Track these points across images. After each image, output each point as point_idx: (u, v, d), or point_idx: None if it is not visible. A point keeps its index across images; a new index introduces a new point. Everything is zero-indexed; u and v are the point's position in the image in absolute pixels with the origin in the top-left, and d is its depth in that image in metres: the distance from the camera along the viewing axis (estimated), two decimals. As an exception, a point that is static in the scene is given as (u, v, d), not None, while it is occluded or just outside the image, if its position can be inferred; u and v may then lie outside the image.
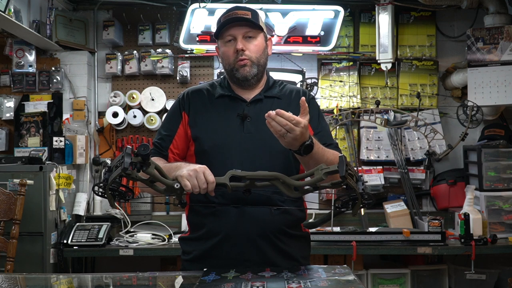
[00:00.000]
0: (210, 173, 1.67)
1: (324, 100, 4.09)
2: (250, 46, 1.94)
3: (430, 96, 4.10)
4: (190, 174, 1.65)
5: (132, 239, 3.56)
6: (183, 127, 1.99)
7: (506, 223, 3.58)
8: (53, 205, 3.38)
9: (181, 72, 4.03)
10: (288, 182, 1.67)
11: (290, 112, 1.70)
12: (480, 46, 3.67)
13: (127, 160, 1.55)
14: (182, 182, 1.64)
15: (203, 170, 1.67)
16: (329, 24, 3.97)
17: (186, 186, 1.64)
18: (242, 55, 1.92)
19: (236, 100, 1.99)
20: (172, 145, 1.98)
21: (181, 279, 1.77)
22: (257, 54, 1.95)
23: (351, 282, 1.61)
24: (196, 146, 1.96)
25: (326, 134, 2.05)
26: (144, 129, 4.08)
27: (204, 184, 1.65)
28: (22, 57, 3.84)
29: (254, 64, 1.95)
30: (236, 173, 1.69)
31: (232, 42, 1.94)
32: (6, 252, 2.91)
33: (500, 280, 3.63)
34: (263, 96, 2.00)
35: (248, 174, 1.68)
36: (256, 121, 1.94)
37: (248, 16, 1.93)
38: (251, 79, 1.96)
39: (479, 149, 3.66)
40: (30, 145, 3.77)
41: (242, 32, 1.93)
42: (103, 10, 4.12)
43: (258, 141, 1.92)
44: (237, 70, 1.95)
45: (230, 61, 1.95)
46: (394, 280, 3.60)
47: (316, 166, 1.68)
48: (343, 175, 1.57)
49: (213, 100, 2.00)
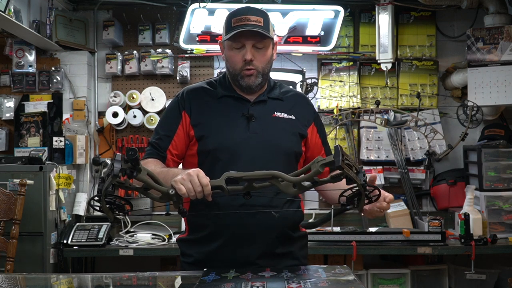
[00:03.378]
0: (204, 176, 1.63)
1: (324, 100, 4.09)
2: (258, 57, 1.91)
3: (430, 96, 4.10)
4: (184, 178, 1.61)
5: (132, 239, 3.56)
6: (183, 127, 1.95)
7: (506, 223, 3.58)
8: (53, 205, 3.38)
9: (181, 72, 4.03)
10: (287, 179, 1.63)
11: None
12: (480, 46, 3.67)
13: (117, 166, 1.51)
14: (176, 187, 1.60)
15: (196, 173, 1.62)
16: (329, 24, 3.97)
17: (180, 190, 1.59)
18: (250, 65, 1.90)
19: (240, 100, 1.98)
20: (171, 146, 1.94)
21: (181, 279, 1.77)
22: (264, 64, 1.93)
23: (351, 282, 1.61)
24: (200, 146, 1.93)
25: (327, 143, 2.12)
26: (144, 129, 4.08)
27: (199, 187, 1.60)
28: (22, 57, 3.84)
29: (260, 74, 1.93)
30: (232, 175, 1.64)
31: (241, 50, 1.90)
32: (6, 252, 2.91)
33: (500, 280, 3.63)
34: (267, 97, 2.00)
35: (245, 174, 1.63)
36: (261, 121, 1.93)
37: (261, 24, 1.87)
38: (254, 87, 1.95)
39: (479, 149, 3.66)
40: (30, 145, 3.77)
41: (252, 42, 1.89)
42: (103, 10, 4.12)
43: (263, 141, 1.91)
44: (242, 78, 1.92)
45: (236, 67, 1.92)
46: (394, 280, 3.60)
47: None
48: (339, 165, 1.52)
49: (216, 99, 1.98)
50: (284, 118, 1.97)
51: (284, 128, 1.96)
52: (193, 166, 1.95)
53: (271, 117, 1.96)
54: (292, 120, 1.98)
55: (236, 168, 1.77)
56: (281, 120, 1.97)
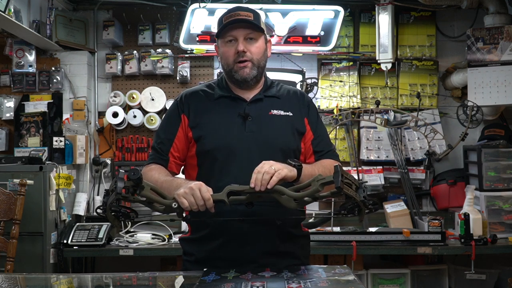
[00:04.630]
0: (206, 190, 1.68)
1: (324, 100, 4.09)
2: (251, 48, 1.94)
3: (430, 96, 4.10)
4: (186, 192, 1.67)
5: (132, 239, 3.56)
6: (182, 130, 1.98)
7: (506, 223, 3.58)
8: (53, 205, 3.38)
9: (181, 72, 4.03)
10: (288, 194, 1.68)
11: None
12: (480, 46, 3.67)
13: (120, 185, 1.60)
14: (179, 200, 1.67)
15: (198, 187, 1.68)
16: (329, 24, 3.97)
17: (183, 204, 1.66)
18: (243, 56, 1.92)
19: (236, 100, 1.99)
20: (172, 148, 1.98)
21: (181, 279, 1.77)
22: (258, 56, 1.95)
23: (351, 282, 1.61)
24: (198, 147, 1.95)
25: (324, 139, 2.07)
26: (144, 129, 4.08)
27: (201, 201, 1.66)
28: (22, 57, 3.84)
29: (255, 66, 1.95)
30: (234, 188, 1.70)
31: (233, 43, 1.94)
32: (6, 252, 2.91)
33: (500, 280, 3.63)
34: (263, 96, 2.01)
35: (246, 188, 1.69)
36: (257, 120, 1.95)
37: (250, 18, 1.92)
38: (250, 80, 1.96)
39: (479, 149, 3.66)
40: (30, 145, 3.77)
41: (243, 33, 1.92)
42: (103, 10, 4.12)
43: (260, 140, 1.92)
44: (236, 72, 1.95)
45: (229, 61, 1.95)
46: (394, 280, 3.60)
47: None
48: (339, 186, 1.58)
49: (213, 100, 2.00)
50: (280, 116, 1.98)
51: (281, 125, 1.97)
52: (194, 167, 1.99)
53: (268, 115, 1.97)
54: (289, 117, 1.99)
55: (233, 167, 1.80)
56: (277, 117, 1.98)
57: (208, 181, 1.80)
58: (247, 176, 1.71)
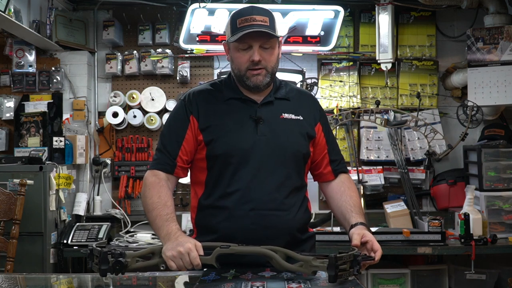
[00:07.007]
0: (195, 256, 1.66)
1: (324, 100, 4.09)
2: (266, 56, 1.89)
3: (430, 96, 4.10)
4: (175, 255, 1.66)
5: (132, 239, 3.56)
6: (191, 132, 1.92)
7: (506, 223, 3.58)
8: (53, 205, 3.38)
9: (181, 72, 4.03)
10: (279, 262, 1.66)
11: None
12: (480, 46, 3.67)
13: (103, 268, 1.63)
14: (168, 263, 1.68)
15: (187, 250, 1.66)
16: (329, 24, 3.97)
17: (171, 266, 1.68)
18: (257, 65, 1.88)
19: (246, 102, 1.95)
20: (181, 152, 1.91)
21: (181, 279, 1.77)
22: (272, 63, 1.92)
23: (351, 282, 1.61)
24: (209, 150, 1.90)
25: (336, 146, 2.10)
26: (144, 129, 4.08)
27: (189, 265, 1.66)
28: (22, 57, 3.84)
29: (268, 73, 1.92)
30: (223, 251, 1.68)
31: (247, 50, 1.88)
32: (6, 252, 2.90)
33: (500, 280, 3.63)
34: (273, 98, 1.98)
35: (236, 250, 1.68)
36: (269, 123, 1.92)
37: (267, 24, 1.85)
38: (262, 87, 1.93)
39: (479, 149, 3.66)
40: (30, 145, 3.77)
41: (259, 42, 1.87)
42: (103, 10, 4.12)
43: (272, 144, 1.90)
44: (248, 78, 1.90)
45: (242, 68, 1.90)
46: (394, 280, 3.60)
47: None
48: (333, 275, 1.54)
49: (223, 102, 1.95)
50: (292, 120, 1.96)
51: (292, 129, 1.95)
52: (203, 170, 1.95)
53: (279, 119, 1.95)
54: (300, 121, 1.97)
55: (245, 171, 1.82)
56: (289, 121, 1.95)
57: (217, 185, 1.79)
58: (259, 180, 1.69)
